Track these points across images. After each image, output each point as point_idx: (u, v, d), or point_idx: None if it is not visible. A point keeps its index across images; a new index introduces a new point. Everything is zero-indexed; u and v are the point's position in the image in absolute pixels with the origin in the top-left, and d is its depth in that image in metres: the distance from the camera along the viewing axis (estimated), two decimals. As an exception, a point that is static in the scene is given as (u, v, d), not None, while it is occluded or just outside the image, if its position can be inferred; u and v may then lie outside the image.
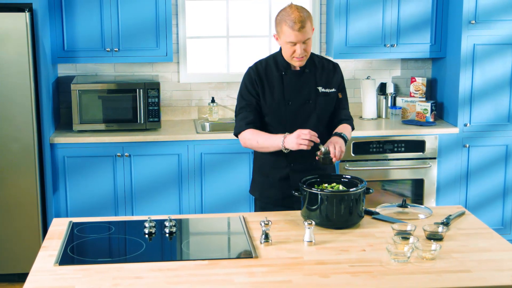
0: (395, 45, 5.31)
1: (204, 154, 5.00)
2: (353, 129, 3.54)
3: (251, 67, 3.48)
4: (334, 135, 3.34)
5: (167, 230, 3.08)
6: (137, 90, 5.02)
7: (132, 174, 4.97)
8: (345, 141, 3.32)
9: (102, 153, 4.92)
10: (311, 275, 2.62)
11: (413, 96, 5.59)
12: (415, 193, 5.27)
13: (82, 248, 2.93)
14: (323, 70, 3.47)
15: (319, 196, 3.07)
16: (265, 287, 2.53)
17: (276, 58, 3.46)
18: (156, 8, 5.06)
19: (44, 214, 4.87)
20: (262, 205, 3.53)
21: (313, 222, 2.95)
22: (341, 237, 3.01)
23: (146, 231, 3.06)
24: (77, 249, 2.91)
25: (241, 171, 5.06)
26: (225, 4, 5.55)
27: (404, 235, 2.89)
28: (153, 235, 3.05)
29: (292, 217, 3.26)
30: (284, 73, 3.41)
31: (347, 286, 2.54)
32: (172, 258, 2.83)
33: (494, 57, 5.17)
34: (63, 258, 2.79)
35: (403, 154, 5.20)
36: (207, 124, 5.39)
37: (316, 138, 3.18)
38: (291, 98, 3.41)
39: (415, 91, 5.58)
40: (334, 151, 3.19)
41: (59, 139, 4.87)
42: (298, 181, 3.26)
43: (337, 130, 3.39)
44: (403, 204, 3.39)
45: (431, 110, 5.36)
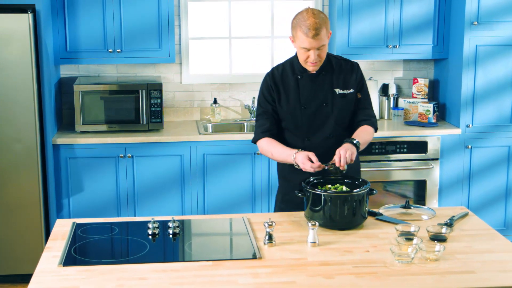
0: (398, 46, 5.31)
1: (207, 155, 5.00)
2: (376, 129, 3.46)
3: (268, 73, 3.46)
4: (345, 142, 3.26)
5: (171, 231, 3.08)
6: (140, 91, 5.03)
7: (135, 175, 4.97)
8: (357, 148, 3.24)
9: (105, 154, 4.93)
10: (315, 276, 2.62)
11: (416, 97, 5.59)
12: (417, 194, 5.27)
13: (86, 249, 2.94)
14: (341, 71, 3.42)
15: (323, 197, 3.07)
16: (269, 288, 2.54)
17: (293, 62, 3.43)
18: (159, 9, 5.07)
19: (47, 215, 4.87)
20: (282, 207, 3.51)
21: (317, 223, 2.95)
22: (345, 238, 3.01)
23: (150, 232, 3.07)
24: (81, 250, 2.91)
25: (244, 172, 5.06)
26: (228, 5, 5.56)
27: (408, 236, 2.89)
28: (157, 236, 3.06)
29: (296, 218, 3.26)
30: (300, 77, 3.39)
31: (351, 287, 2.54)
32: (176, 259, 2.83)
33: (497, 58, 5.17)
34: (67, 259, 2.79)
35: (405, 155, 5.20)
36: (210, 125, 5.39)
37: (321, 166, 3.14)
38: (307, 102, 3.38)
39: (418, 92, 5.59)
40: (339, 162, 3.14)
41: (62, 140, 4.87)
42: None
43: (353, 136, 3.32)
44: (406, 205, 3.39)
45: (434, 111, 5.36)
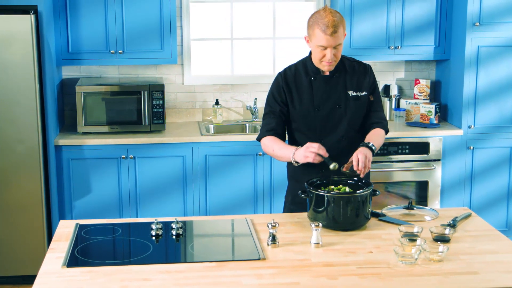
0: (399, 47, 5.32)
1: (209, 156, 5.00)
2: (387, 132, 3.45)
3: (280, 73, 3.44)
4: (361, 146, 3.24)
5: (174, 232, 3.08)
6: (142, 92, 5.03)
7: (137, 176, 4.97)
8: (373, 152, 3.23)
9: (107, 155, 4.93)
10: (319, 277, 2.62)
11: (417, 98, 5.59)
12: (419, 195, 5.27)
13: (89, 250, 2.94)
14: (354, 73, 3.41)
15: (326, 198, 3.07)
16: (273, 289, 2.54)
17: (306, 63, 3.41)
18: (161, 10, 5.07)
19: (49, 216, 4.87)
20: (292, 208, 3.50)
21: (320, 224, 2.95)
22: (348, 239, 3.01)
23: (153, 233, 3.07)
24: (85, 251, 2.91)
25: (246, 173, 5.06)
26: (230, 6, 5.56)
27: (411, 237, 2.90)
28: (160, 237, 3.06)
29: (299, 219, 3.26)
30: (314, 78, 3.38)
31: (355, 288, 2.55)
32: (180, 260, 2.83)
33: (499, 59, 5.18)
34: (71, 260, 2.79)
35: (407, 156, 5.20)
36: (212, 126, 5.39)
37: (325, 153, 3.13)
38: (320, 104, 3.37)
39: (419, 93, 5.59)
40: (357, 166, 3.13)
41: (64, 141, 4.87)
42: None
43: (366, 139, 3.32)
44: (409, 206, 3.39)
45: (435, 112, 5.36)
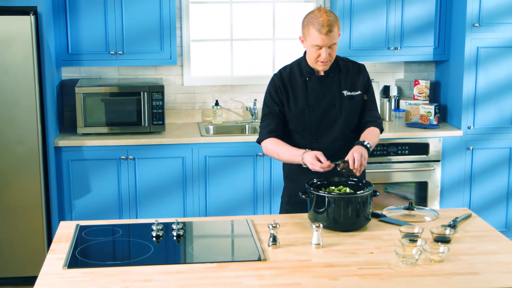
0: (399, 48, 5.32)
1: (208, 157, 5.00)
2: (382, 130, 3.47)
3: (276, 74, 3.45)
4: (356, 144, 3.26)
5: (175, 233, 3.08)
6: (141, 93, 5.03)
7: (137, 177, 4.97)
8: (368, 150, 3.25)
9: (107, 156, 4.93)
10: (320, 278, 2.62)
11: (417, 99, 5.59)
12: (419, 196, 5.28)
13: (90, 251, 2.93)
14: (348, 73, 3.43)
15: (326, 199, 3.07)
16: (275, 290, 2.54)
17: (300, 64, 3.42)
18: (160, 11, 5.07)
19: (49, 217, 4.87)
20: (288, 209, 3.50)
21: (321, 225, 2.95)
22: (349, 240, 3.01)
23: (154, 234, 3.07)
24: (85, 252, 2.91)
25: (245, 174, 5.06)
26: (229, 7, 5.56)
27: (412, 238, 2.90)
28: (161, 238, 3.06)
29: (299, 220, 3.26)
30: (308, 79, 3.39)
31: (356, 289, 2.55)
32: (181, 261, 2.83)
33: (498, 60, 5.18)
34: (72, 261, 2.79)
35: (407, 157, 5.21)
36: (211, 127, 5.39)
37: (331, 166, 3.13)
38: (315, 104, 3.38)
39: (419, 94, 5.59)
40: (354, 164, 3.15)
41: (64, 142, 4.87)
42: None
43: (361, 138, 3.34)
44: (410, 207, 3.39)
45: (435, 113, 5.37)
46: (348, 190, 3.19)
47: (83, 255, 2.87)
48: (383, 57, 5.36)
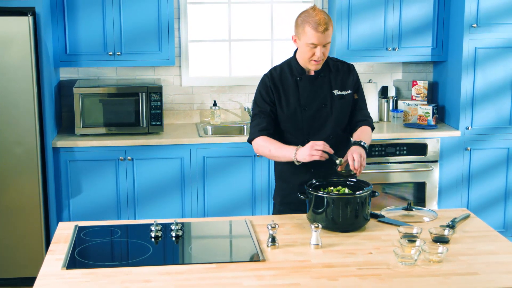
0: (397, 49, 5.32)
1: (207, 158, 5.00)
2: (373, 129, 3.48)
3: (266, 74, 3.45)
4: (354, 144, 3.27)
5: (174, 234, 3.08)
6: (140, 94, 5.03)
7: (135, 178, 4.97)
8: (365, 149, 3.26)
9: (105, 157, 4.92)
10: (319, 278, 2.63)
11: (415, 100, 5.60)
12: (417, 196, 5.28)
13: (89, 252, 2.93)
14: (338, 73, 3.44)
15: (325, 199, 3.08)
16: (274, 290, 2.54)
17: (291, 64, 3.43)
18: (158, 12, 5.07)
19: (47, 218, 4.86)
20: (282, 209, 3.50)
21: (320, 225, 2.95)
22: (348, 240, 3.02)
23: (153, 235, 3.07)
24: (84, 253, 2.91)
25: (244, 175, 5.06)
26: (227, 8, 5.56)
27: (411, 238, 2.90)
28: (160, 239, 3.06)
29: (298, 220, 3.26)
30: (299, 79, 3.39)
31: (356, 289, 2.55)
32: (180, 262, 2.83)
33: (496, 61, 5.19)
34: (71, 262, 2.79)
35: (405, 157, 5.21)
36: (209, 128, 5.39)
37: (330, 149, 3.14)
38: (307, 104, 3.39)
39: (417, 95, 5.60)
40: (354, 164, 3.15)
41: (62, 143, 4.87)
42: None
43: (356, 138, 3.33)
44: (408, 207, 3.40)
45: (433, 113, 5.37)
46: (347, 191, 3.19)
47: (82, 256, 2.86)
48: (381, 58, 5.36)
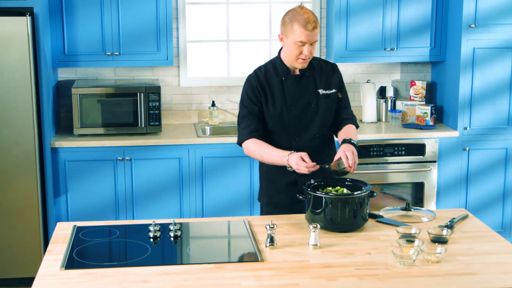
0: (395, 49, 5.33)
1: (205, 158, 5.00)
2: (357, 127, 3.52)
3: (251, 75, 3.44)
4: (344, 142, 3.29)
5: (172, 234, 3.08)
6: (138, 94, 5.03)
7: (133, 178, 4.97)
8: (356, 147, 3.28)
9: (103, 157, 4.92)
10: (318, 278, 2.63)
11: (413, 100, 5.60)
12: (415, 197, 5.28)
13: (88, 252, 2.93)
14: (322, 72, 3.46)
15: (324, 200, 3.08)
16: (272, 291, 2.54)
17: (275, 64, 3.43)
18: (157, 12, 5.07)
19: (45, 218, 4.86)
20: (269, 210, 3.50)
21: (318, 226, 2.95)
22: (346, 240, 3.02)
23: (151, 235, 3.07)
24: (83, 253, 2.90)
25: (242, 175, 5.06)
26: (226, 8, 5.56)
27: (409, 238, 2.90)
28: (158, 239, 3.05)
29: (297, 221, 3.26)
30: (284, 78, 3.40)
31: (354, 289, 2.55)
32: (178, 262, 2.83)
33: (494, 61, 5.19)
34: (69, 262, 2.79)
35: (403, 158, 5.21)
36: (208, 128, 5.39)
37: (315, 167, 3.12)
38: (293, 103, 3.39)
39: (415, 95, 5.60)
40: (348, 162, 3.16)
41: (60, 143, 4.86)
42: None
43: (345, 136, 3.35)
44: (407, 207, 3.40)
45: (431, 114, 5.38)
46: (345, 191, 3.19)
47: (80, 256, 2.86)
48: (380, 58, 5.36)
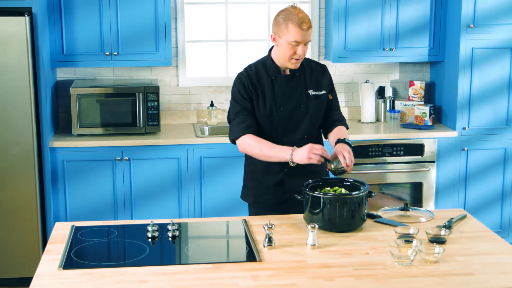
0: (394, 49, 5.33)
1: (204, 158, 5.00)
2: (348, 129, 3.53)
3: (242, 73, 3.42)
4: (339, 142, 3.29)
5: (170, 234, 3.08)
6: (136, 94, 5.03)
7: (132, 178, 4.96)
8: (351, 146, 3.28)
9: (102, 157, 4.92)
10: (316, 279, 2.63)
11: (412, 100, 5.60)
12: (414, 197, 5.28)
13: (86, 252, 2.93)
14: (312, 73, 3.45)
15: (322, 200, 3.08)
16: (270, 291, 2.54)
17: (266, 63, 3.42)
18: (156, 12, 5.07)
19: (44, 218, 4.86)
20: (257, 210, 3.50)
21: (316, 226, 2.95)
22: (344, 241, 3.02)
23: (149, 235, 3.06)
24: (81, 253, 2.90)
25: (241, 175, 5.01)
26: (224, 8, 5.56)
27: (407, 238, 2.90)
28: (156, 239, 3.05)
29: (295, 221, 3.26)
30: (275, 78, 3.39)
31: (352, 289, 2.55)
32: (176, 262, 2.83)
33: (493, 61, 5.19)
34: (67, 262, 2.79)
35: (402, 158, 5.21)
36: (206, 128, 5.39)
37: (327, 154, 3.14)
38: (283, 103, 3.38)
39: (414, 95, 5.60)
40: (345, 161, 3.17)
41: (59, 143, 4.86)
42: (293, 186, 3.28)
43: (339, 136, 3.36)
44: (405, 208, 3.40)
45: (430, 114, 5.38)
46: (344, 191, 3.19)
47: (79, 256, 2.86)
48: (378, 58, 5.36)
